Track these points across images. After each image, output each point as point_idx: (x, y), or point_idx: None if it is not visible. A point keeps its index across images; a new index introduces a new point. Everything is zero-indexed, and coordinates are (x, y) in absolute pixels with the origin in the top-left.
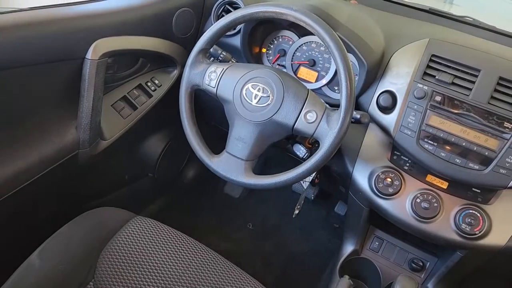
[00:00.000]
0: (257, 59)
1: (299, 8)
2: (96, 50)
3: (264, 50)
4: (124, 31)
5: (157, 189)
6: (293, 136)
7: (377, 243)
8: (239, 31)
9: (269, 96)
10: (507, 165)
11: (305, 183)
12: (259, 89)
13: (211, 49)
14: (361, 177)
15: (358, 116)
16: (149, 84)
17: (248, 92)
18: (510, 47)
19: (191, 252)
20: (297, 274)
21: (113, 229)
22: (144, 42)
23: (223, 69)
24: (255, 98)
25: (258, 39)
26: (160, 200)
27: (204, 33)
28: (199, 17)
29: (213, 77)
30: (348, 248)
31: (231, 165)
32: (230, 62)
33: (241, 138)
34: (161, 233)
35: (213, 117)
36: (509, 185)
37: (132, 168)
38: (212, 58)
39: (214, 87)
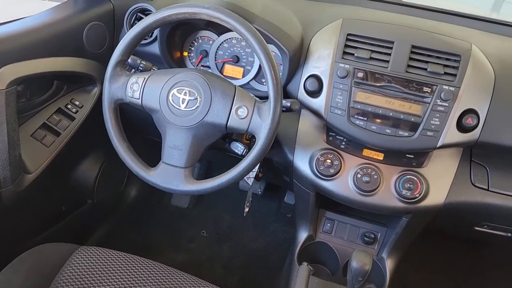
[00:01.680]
0: (180, 64)
1: (211, 6)
2: (2, 79)
3: (185, 53)
4: (32, 54)
5: (100, 215)
6: (229, 134)
7: (329, 224)
8: (156, 38)
9: (196, 98)
10: (433, 127)
11: (250, 180)
12: (185, 93)
13: (129, 60)
14: (302, 163)
15: (289, 104)
16: (69, 106)
17: (175, 98)
18: (422, 18)
19: (146, 273)
20: (258, 272)
21: (56, 265)
22: (56, 63)
23: (144, 78)
24: (183, 103)
25: (177, 43)
26: (105, 226)
27: (118, 44)
28: (112, 30)
29: (136, 88)
30: (303, 235)
31: (170, 175)
32: (152, 70)
33: (176, 145)
34: (110, 260)
35: (145, 129)
36: (438, 146)
37: (68, 198)
38: (132, 70)
39: (138, 99)
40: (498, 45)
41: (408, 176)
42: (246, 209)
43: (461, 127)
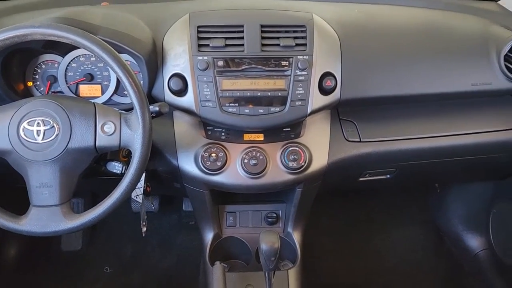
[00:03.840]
0: (27, 96)
1: (43, 23)
2: None
3: (30, 83)
4: None
5: None
6: (103, 156)
7: (231, 218)
8: None
9: (53, 126)
10: (299, 96)
11: (139, 197)
12: (38, 123)
13: None
14: (188, 165)
15: (157, 109)
16: None
17: (28, 132)
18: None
19: None
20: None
21: None
22: None
23: None
24: (38, 135)
25: (16, 73)
26: None
27: None
28: None
29: None
30: (209, 236)
31: (46, 217)
32: None
33: (44, 183)
34: None
35: (4, 178)
36: (308, 113)
37: None
38: None
39: None
40: (335, 11)
41: (290, 149)
42: (144, 229)
43: (323, 91)
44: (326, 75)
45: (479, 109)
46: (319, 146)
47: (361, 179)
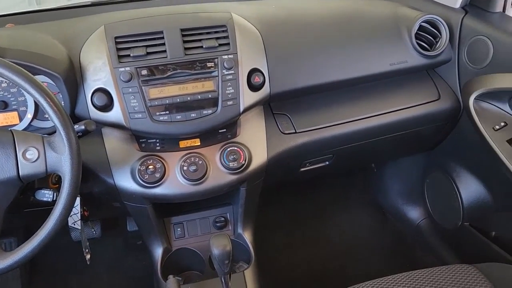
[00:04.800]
0: None
1: None
2: None
3: None
4: None
5: None
6: (30, 185)
7: (179, 229)
8: None
9: None
10: (230, 96)
11: (77, 224)
12: None
13: None
14: (125, 181)
15: (83, 127)
16: None
17: None
18: (183, 4)
19: None
20: None
21: None
22: None
23: None
24: None
25: None
26: None
27: None
28: None
29: None
30: (158, 252)
31: None
32: None
33: None
34: None
35: None
36: (241, 111)
37: None
38: None
39: None
40: (254, 9)
41: (229, 149)
42: (88, 256)
43: (253, 87)
44: (254, 71)
45: (400, 86)
46: (257, 143)
47: (302, 169)
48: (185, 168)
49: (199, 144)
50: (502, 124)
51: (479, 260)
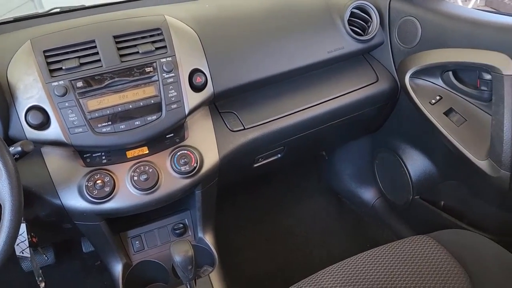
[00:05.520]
0: None
1: None
2: None
3: None
4: None
5: None
6: None
7: (137, 242)
8: None
9: None
10: (173, 99)
11: (25, 252)
12: None
13: None
14: (73, 200)
15: (19, 148)
16: None
17: None
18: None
19: None
20: None
21: None
22: None
23: None
24: None
25: None
26: None
27: None
28: None
29: None
30: (117, 269)
31: None
32: None
33: None
34: None
35: None
36: (187, 114)
37: None
38: None
39: None
40: (187, 10)
41: (179, 153)
42: (42, 285)
43: (196, 88)
44: (195, 72)
45: (341, 73)
46: (207, 144)
47: (255, 165)
48: (135, 178)
49: (147, 152)
50: (438, 97)
51: (432, 229)
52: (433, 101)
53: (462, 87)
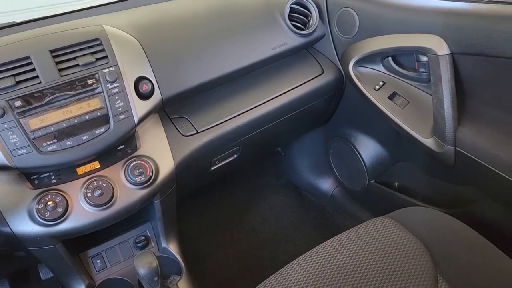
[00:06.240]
0: None
1: None
2: None
3: None
4: None
5: None
6: None
7: (98, 261)
8: None
9: None
10: (120, 109)
11: None
12: None
13: None
14: (24, 225)
15: None
16: None
17: None
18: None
19: None
20: None
21: None
22: None
23: None
24: None
25: None
26: None
27: None
28: None
29: None
30: None
31: None
32: None
33: None
34: None
35: None
36: (136, 123)
37: None
38: None
39: None
40: (126, 17)
41: (132, 164)
42: None
43: (143, 96)
44: (140, 80)
45: (288, 68)
46: (160, 152)
47: (212, 168)
48: (89, 194)
49: (99, 166)
50: (381, 83)
51: (390, 211)
52: (377, 87)
53: (402, 71)
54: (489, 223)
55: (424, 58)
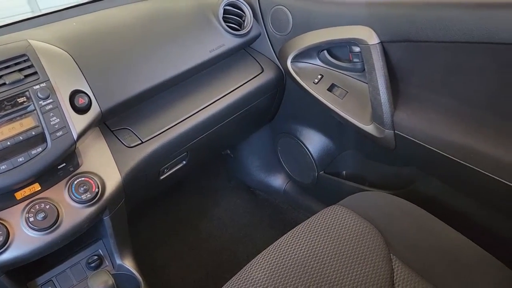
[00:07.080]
0: None
1: None
2: None
3: None
4: None
5: None
6: None
7: (49, 287)
8: None
9: None
10: (57, 126)
11: None
12: None
13: None
14: None
15: None
16: None
17: None
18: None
19: None
20: None
21: None
22: None
23: None
24: None
25: None
26: None
27: None
28: None
29: None
30: None
31: None
32: None
33: None
34: None
35: None
36: (76, 139)
37: None
38: None
39: None
40: (53, 31)
41: (76, 182)
42: None
43: (81, 110)
44: (75, 93)
45: (228, 69)
46: (105, 166)
47: (161, 177)
48: (31, 219)
49: (39, 188)
50: (319, 76)
51: (341, 198)
52: (316, 80)
53: (338, 63)
54: (432, 198)
55: (357, 49)
